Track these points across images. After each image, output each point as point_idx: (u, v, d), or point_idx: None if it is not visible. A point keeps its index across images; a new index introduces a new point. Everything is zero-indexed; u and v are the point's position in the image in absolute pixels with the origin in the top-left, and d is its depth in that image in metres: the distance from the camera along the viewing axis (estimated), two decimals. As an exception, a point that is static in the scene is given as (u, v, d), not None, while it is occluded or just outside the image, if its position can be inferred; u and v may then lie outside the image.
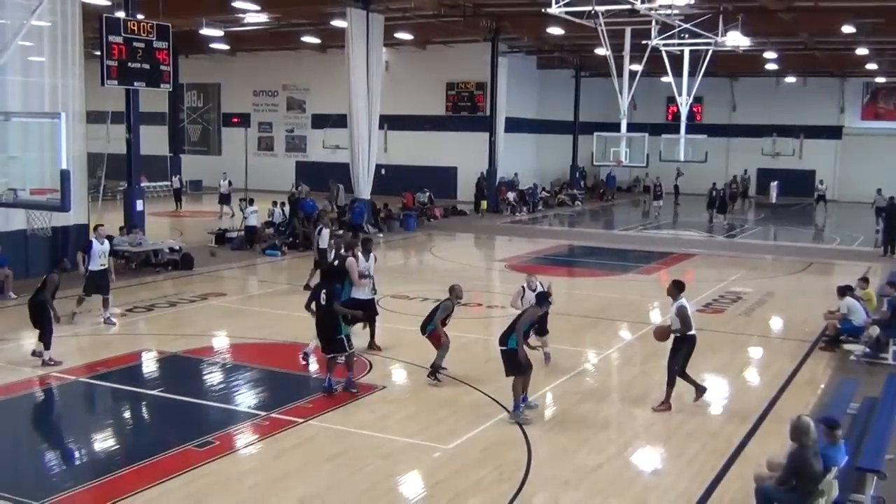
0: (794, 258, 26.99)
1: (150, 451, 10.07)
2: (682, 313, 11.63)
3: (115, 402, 12.49)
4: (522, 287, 13.70)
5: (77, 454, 10.53)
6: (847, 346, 14.90)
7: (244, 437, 10.73)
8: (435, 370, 12.74)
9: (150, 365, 14.07)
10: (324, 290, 12.26)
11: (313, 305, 12.39)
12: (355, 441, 10.38)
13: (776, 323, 18.45)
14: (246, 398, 12.46)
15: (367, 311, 13.88)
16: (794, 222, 39.43)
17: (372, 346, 14.36)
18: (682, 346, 11.78)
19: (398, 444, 10.42)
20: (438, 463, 9.94)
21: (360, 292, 13.94)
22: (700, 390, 11.99)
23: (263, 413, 11.50)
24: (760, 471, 8.72)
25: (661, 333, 12.26)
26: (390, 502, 8.94)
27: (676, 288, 11.86)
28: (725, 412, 12.15)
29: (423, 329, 12.95)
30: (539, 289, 13.40)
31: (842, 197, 47.23)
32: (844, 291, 15.49)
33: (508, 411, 11.36)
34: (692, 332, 11.75)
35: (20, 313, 17.44)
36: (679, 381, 11.82)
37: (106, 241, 16.79)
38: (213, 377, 12.66)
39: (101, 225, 16.50)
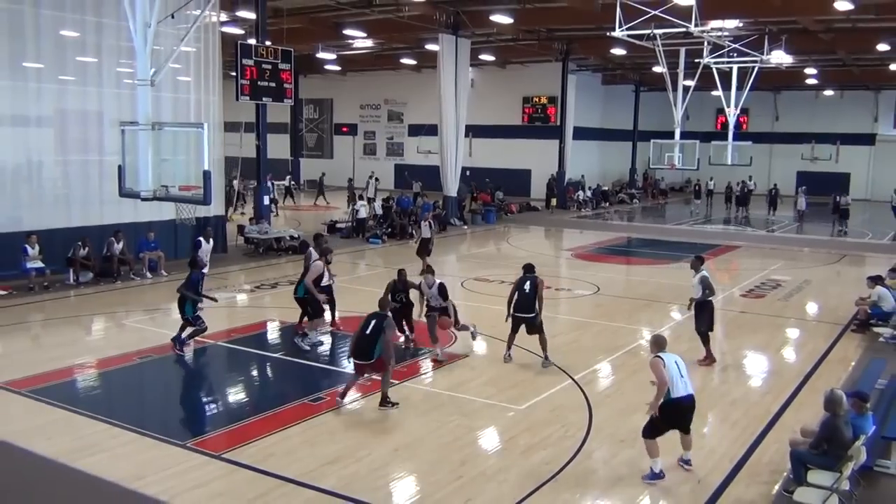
0: (829, 251, 25.97)
1: (272, 404, 10.35)
2: (704, 281, 12.01)
3: (244, 362, 12.82)
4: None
5: (213, 405, 10.85)
6: (876, 329, 14.30)
7: (350, 395, 10.88)
8: (386, 397, 10.07)
9: (273, 332, 14.39)
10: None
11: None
12: (442, 401, 10.44)
13: (812, 307, 17.78)
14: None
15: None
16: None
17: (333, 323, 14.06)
18: (703, 311, 12.14)
19: (477, 404, 10.44)
20: (512, 421, 9.92)
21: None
22: (711, 358, 12.03)
23: (366, 375, 11.65)
24: (795, 437, 8.47)
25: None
26: (470, 453, 8.96)
27: (698, 261, 12.36)
28: (765, 385, 11.82)
29: (368, 354, 9.90)
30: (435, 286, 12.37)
31: (874, 197, 45.16)
32: (875, 280, 14.95)
33: (573, 378, 11.33)
34: (714, 297, 12.18)
35: (172, 288, 18.16)
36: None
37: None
38: (325, 344, 12.87)
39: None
